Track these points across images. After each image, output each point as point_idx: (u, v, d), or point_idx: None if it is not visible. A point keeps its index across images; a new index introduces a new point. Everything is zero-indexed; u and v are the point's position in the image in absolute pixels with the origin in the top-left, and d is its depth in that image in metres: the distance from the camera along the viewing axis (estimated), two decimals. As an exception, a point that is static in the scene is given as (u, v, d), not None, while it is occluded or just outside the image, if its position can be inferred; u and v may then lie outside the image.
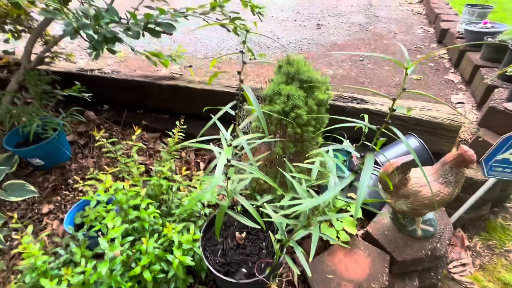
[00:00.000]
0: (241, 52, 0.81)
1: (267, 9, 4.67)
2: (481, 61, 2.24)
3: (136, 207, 1.15)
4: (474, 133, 1.76)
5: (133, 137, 1.15)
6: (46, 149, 1.75)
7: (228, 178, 0.71)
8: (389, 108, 0.63)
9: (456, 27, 2.96)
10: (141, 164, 1.95)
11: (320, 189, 1.45)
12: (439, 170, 1.10)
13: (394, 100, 0.63)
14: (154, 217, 1.14)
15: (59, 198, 1.71)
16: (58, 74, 2.31)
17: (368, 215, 1.43)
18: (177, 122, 1.43)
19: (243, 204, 1.05)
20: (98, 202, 1.09)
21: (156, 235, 1.09)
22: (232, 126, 0.90)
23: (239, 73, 0.84)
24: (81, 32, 1.07)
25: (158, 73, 2.29)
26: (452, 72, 2.60)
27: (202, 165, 1.91)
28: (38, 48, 1.93)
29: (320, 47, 3.23)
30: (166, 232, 1.05)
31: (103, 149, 1.24)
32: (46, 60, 2.10)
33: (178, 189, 1.29)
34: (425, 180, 1.11)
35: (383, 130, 0.68)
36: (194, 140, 0.86)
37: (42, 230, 1.55)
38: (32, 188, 1.54)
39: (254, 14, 1.89)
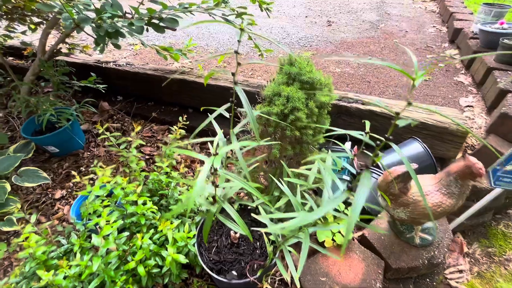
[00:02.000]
0: (236, 52, 0.71)
1: (279, 6, 4.45)
2: (495, 63, 2.03)
3: (135, 201, 1.09)
4: (485, 137, 1.60)
5: (133, 133, 1.09)
6: (59, 137, 1.73)
7: (216, 186, 0.63)
8: (392, 120, 0.52)
9: (470, 27, 2.71)
10: (148, 155, 1.91)
11: (318, 191, 1.35)
12: (443, 180, 0.98)
13: (397, 114, 0.52)
14: (152, 211, 1.08)
15: (71, 184, 1.70)
16: (75, 65, 2.27)
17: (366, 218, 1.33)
18: (180, 118, 1.35)
19: (240, 203, 0.98)
20: (97, 196, 1.04)
21: (152, 230, 1.04)
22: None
23: (233, 74, 0.75)
24: (82, 26, 0.99)
25: (169, 67, 2.21)
26: (462, 73, 2.39)
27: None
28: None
29: (329, 45, 3.05)
30: (161, 228, 0.99)
31: (107, 143, 1.20)
32: (64, 51, 2.06)
33: (178, 183, 1.23)
34: (427, 189, 0.99)
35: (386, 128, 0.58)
36: (188, 142, 0.78)
37: (54, 214, 1.54)
38: (44, 174, 1.52)
39: (262, 10, 1.76)
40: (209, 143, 0.78)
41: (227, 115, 0.83)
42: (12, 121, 2.02)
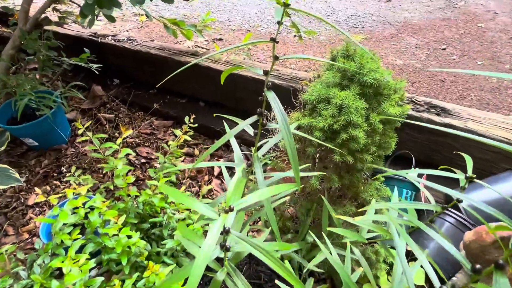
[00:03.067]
0: (273, 41, 0.55)
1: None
2: None
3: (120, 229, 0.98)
4: None
5: (118, 140, 0.97)
6: (39, 128, 1.67)
7: (227, 250, 0.49)
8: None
9: None
10: (145, 158, 1.82)
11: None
12: None
13: None
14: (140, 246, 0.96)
15: (48, 188, 1.63)
16: (68, 38, 2.23)
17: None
18: (186, 119, 1.22)
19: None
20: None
21: (137, 273, 0.92)
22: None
23: (265, 73, 0.59)
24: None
25: (179, 46, 2.09)
26: None
27: (216, 169, 1.72)
28: (59, 8, 1.82)
29: (388, 27, 2.78)
30: (148, 275, 0.87)
31: (88, 147, 1.08)
32: (56, 21, 2.00)
33: (178, 210, 1.11)
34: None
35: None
36: (190, 166, 0.64)
37: (25, 225, 1.48)
38: (16, 175, 1.45)
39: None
40: (223, 173, 0.63)
41: (251, 131, 0.67)
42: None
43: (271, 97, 0.58)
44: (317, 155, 0.92)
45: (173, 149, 1.15)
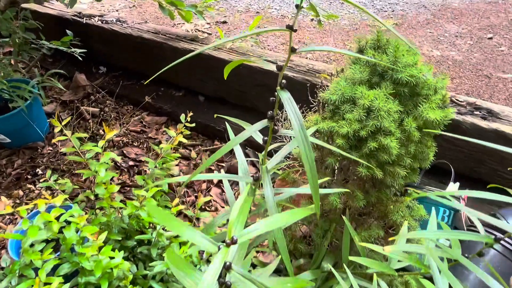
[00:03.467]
0: (290, 29, 0.51)
1: None
2: None
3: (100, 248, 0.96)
4: None
5: (101, 142, 0.94)
6: (11, 123, 1.67)
7: (228, 287, 0.46)
8: None
9: None
10: (133, 160, 1.80)
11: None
12: None
13: None
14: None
15: (21, 192, 1.63)
16: (48, 18, 2.22)
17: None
18: (182, 117, 1.19)
19: None
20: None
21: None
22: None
23: (279, 68, 0.55)
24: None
25: (176, 29, 2.07)
26: None
27: (215, 171, 1.69)
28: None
29: (423, 10, 2.72)
30: (132, 305, 0.84)
31: (65, 149, 1.05)
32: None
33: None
34: None
35: None
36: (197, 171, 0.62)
37: (-9, 237, 1.47)
38: (-16, 177, 1.45)
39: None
40: (223, 182, 0.61)
41: (259, 138, 0.64)
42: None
43: (286, 98, 0.54)
44: (338, 165, 0.88)
45: (166, 153, 1.12)
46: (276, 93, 0.56)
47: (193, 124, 1.23)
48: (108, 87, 2.12)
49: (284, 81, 0.55)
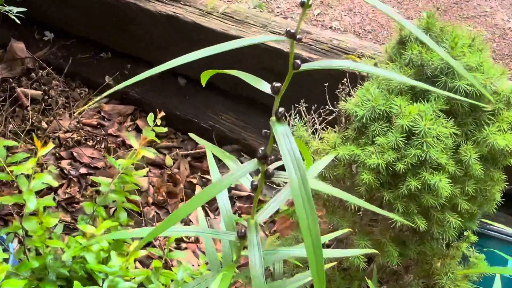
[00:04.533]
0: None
1: None
2: None
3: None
4: None
5: (31, 161, 0.93)
6: None
7: None
8: None
9: None
10: (87, 167, 1.80)
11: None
12: None
13: None
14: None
15: None
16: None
17: None
18: (150, 117, 1.18)
19: None
20: None
21: None
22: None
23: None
24: None
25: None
26: None
27: (198, 188, 1.71)
28: None
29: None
30: None
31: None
32: None
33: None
34: None
35: None
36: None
37: None
38: None
39: None
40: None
41: (247, 183, 0.63)
42: None
43: (281, 133, 0.52)
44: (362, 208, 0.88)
45: (125, 169, 1.11)
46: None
47: (166, 129, 1.22)
48: (56, 62, 2.16)
49: (281, 109, 0.52)
